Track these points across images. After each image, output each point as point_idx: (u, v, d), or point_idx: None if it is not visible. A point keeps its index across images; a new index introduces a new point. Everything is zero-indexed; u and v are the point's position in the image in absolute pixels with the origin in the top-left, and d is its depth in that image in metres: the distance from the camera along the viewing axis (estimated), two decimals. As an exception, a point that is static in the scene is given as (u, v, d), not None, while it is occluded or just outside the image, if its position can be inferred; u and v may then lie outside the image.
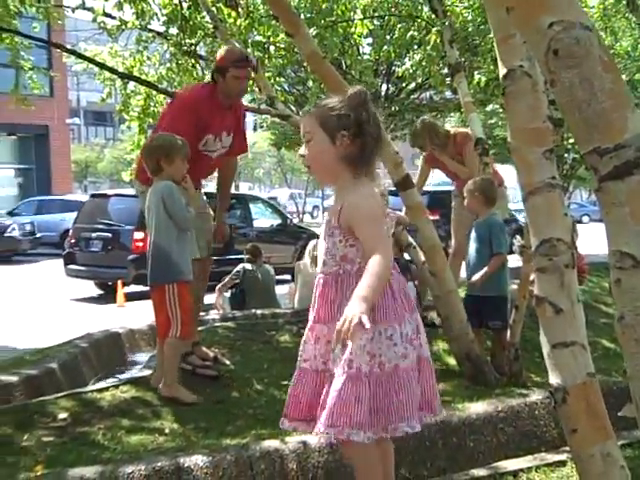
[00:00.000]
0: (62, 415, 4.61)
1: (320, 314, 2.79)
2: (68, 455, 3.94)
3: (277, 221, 17.72)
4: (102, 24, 10.34)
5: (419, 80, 14.49)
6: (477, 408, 4.21)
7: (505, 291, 5.86)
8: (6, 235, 22.17)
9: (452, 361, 5.88)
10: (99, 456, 3.89)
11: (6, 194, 34.08)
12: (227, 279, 9.09)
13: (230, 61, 5.42)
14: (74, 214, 23.62)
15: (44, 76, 12.36)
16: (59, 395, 4.96)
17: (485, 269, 5.68)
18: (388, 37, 12.72)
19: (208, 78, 6.01)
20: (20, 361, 6.02)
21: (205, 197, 5.82)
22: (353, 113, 2.74)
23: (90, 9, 10.34)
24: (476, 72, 11.23)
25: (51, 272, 18.97)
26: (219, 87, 5.43)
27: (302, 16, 9.79)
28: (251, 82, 10.03)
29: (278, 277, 10.25)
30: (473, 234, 6.01)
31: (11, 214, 24.92)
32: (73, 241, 15.14)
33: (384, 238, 2.71)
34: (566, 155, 14.65)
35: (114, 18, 10.31)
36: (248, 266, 9.16)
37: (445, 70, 11.07)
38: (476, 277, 5.72)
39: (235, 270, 9.15)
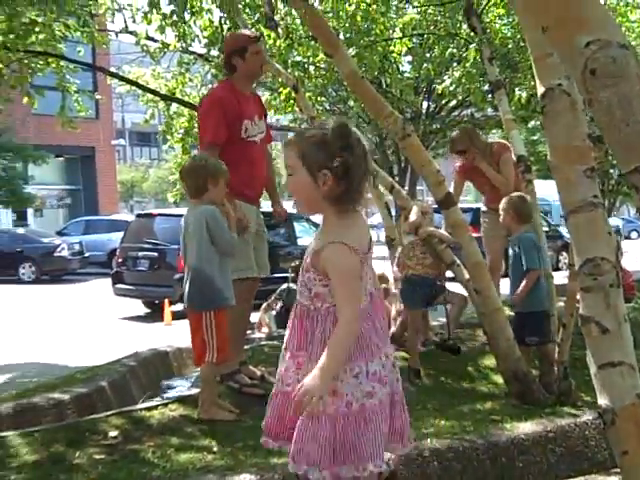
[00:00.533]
0: (112, 433, 4.69)
1: (299, 342, 2.75)
2: (119, 473, 3.99)
3: None
4: (145, 47, 10.55)
5: (459, 97, 14.46)
6: (526, 428, 4.18)
7: (543, 306, 5.82)
8: (56, 255, 22.54)
9: (499, 380, 5.85)
10: (149, 474, 3.94)
11: (55, 214, 34.69)
12: (272, 298, 9.15)
13: (245, 40, 5.49)
14: (121, 234, 23.98)
15: (89, 99, 12.57)
16: (109, 413, 5.04)
17: (522, 286, 5.70)
18: (427, 55, 12.75)
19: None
20: (71, 379, 6.12)
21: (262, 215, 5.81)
22: (337, 151, 2.61)
23: (133, 33, 10.56)
24: (517, 89, 11.20)
25: (99, 291, 19.24)
26: (239, 72, 5.43)
27: (341, 36, 9.87)
28: (292, 102, 10.16)
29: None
30: (509, 252, 6.04)
31: (60, 234, 25.32)
32: (120, 260, 15.34)
33: (353, 298, 2.63)
34: (612, 171, 14.47)
35: (156, 41, 10.51)
36: (292, 285, 9.20)
37: (486, 87, 11.06)
38: (515, 295, 5.76)
39: (279, 289, 9.21)
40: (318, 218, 2.86)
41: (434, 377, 6.26)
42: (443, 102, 16.22)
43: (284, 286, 9.24)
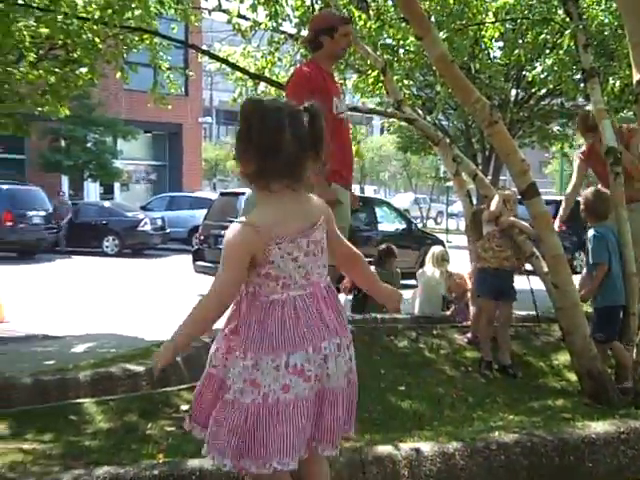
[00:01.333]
0: (184, 407, 4.77)
1: (235, 325, 2.70)
2: (188, 445, 4.06)
3: (402, 225, 17.75)
4: (236, 25, 10.62)
5: (550, 85, 14.11)
6: (597, 427, 4.07)
7: (613, 302, 5.67)
8: (139, 229, 23.07)
9: (573, 377, 5.73)
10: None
11: (140, 189, 35.46)
12: (348, 282, 9.11)
13: (336, 20, 5.48)
14: (203, 211, 24.34)
15: (180, 76, 12.76)
16: (182, 387, 5.13)
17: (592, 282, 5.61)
18: (520, 41, 12.45)
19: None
20: (147, 352, 6.25)
21: None
22: (242, 129, 2.61)
23: (226, 11, 10.64)
24: (611, 78, 10.87)
25: (179, 267, 19.59)
26: (325, 51, 5.41)
27: (432, 19, 9.73)
28: (379, 85, 10.09)
29: (403, 282, 10.23)
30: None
31: (144, 209, 25.84)
32: (202, 238, 15.58)
33: (223, 272, 2.57)
34: None
35: (248, 20, 10.57)
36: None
37: (578, 75, 10.76)
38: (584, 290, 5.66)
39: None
40: (398, 203, 2.82)
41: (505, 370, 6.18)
42: (533, 90, 15.86)
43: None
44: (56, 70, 9.22)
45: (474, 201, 10.01)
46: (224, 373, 2.66)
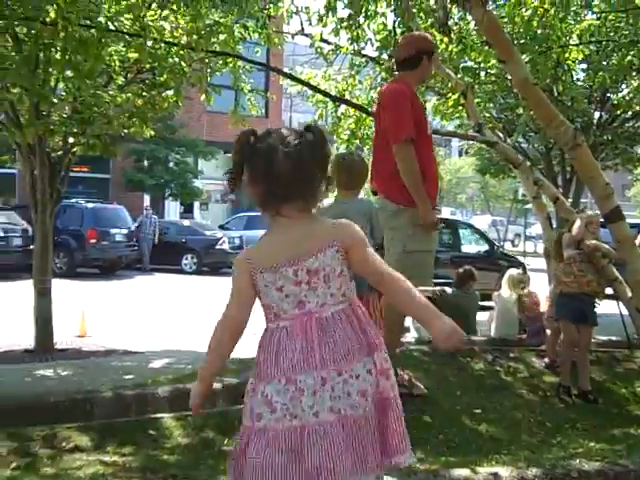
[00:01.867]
0: (259, 424, 4.81)
1: None
2: (264, 462, 4.08)
3: (484, 247, 17.81)
4: (319, 49, 10.75)
5: (636, 108, 13.82)
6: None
7: None
8: (217, 248, 23.36)
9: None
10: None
11: (219, 209, 35.98)
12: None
13: (434, 46, 5.52)
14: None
15: (261, 98, 12.95)
16: (259, 404, 5.17)
17: None
18: (604, 63, 12.25)
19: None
20: (223, 369, 6.32)
21: None
22: (236, 157, 2.63)
23: (308, 35, 10.79)
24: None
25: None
26: (419, 72, 5.40)
27: (515, 42, 9.67)
28: (459, 107, 10.06)
29: (483, 303, 10.15)
30: None
31: (222, 228, 26.19)
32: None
33: (229, 304, 2.66)
34: None
35: (330, 44, 10.68)
36: (448, 289, 9.10)
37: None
38: None
39: (433, 292, 9.11)
40: (480, 224, 2.75)
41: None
42: (617, 112, 15.55)
43: (438, 289, 9.12)
44: (143, 94, 9.48)
45: (554, 224, 9.87)
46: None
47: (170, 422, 4.80)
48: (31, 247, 10.29)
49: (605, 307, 6.55)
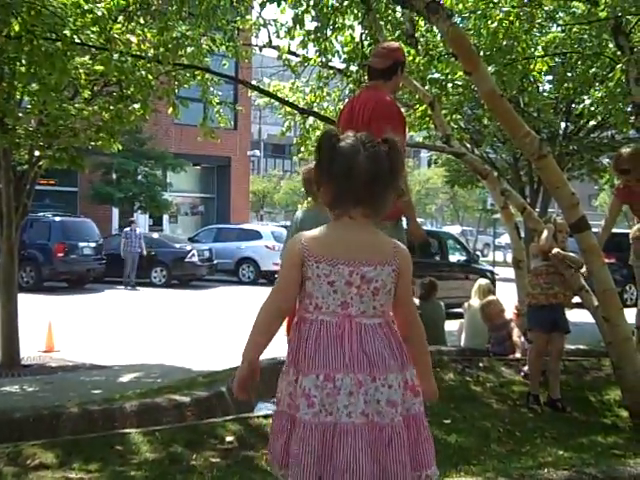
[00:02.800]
0: (229, 438, 4.79)
1: None
2: (232, 477, 4.07)
3: (463, 257, 18.70)
4: (287, 61, 10.76)
5: (599, 118, 14.00)
6: (650, 465, 3.97)
7: None
8: (187, 260, 23.23)
9: (624, 413, 5.61)
10: (262, 481, 4.00)
11: (188, 221, 35.84)
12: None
13: (404, 57, 5.51)
14: (250, 243, 24.40)
15: (230, 110, 12.92)
16: (227, 418, 5.15)
17: None
18: (569, 74, 12.39)
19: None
20: (192, 383, 6.30)
21: None
22: (318, 160, 2.67)
23: (276, 47, 10.80)
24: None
25: (226, 298, 19.71)
26: (394, 83, 5.39)
27: (481, 53, 9.75)
28: (427, 119, 10.12)
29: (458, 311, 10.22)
30: None
31: (192, 240, 26.09)
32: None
33: (276, 283, 2.69)
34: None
35: (298, 56, 10.71)
36: (415, 301, 9.13)
37: (629, 108, 10.67)
38: None
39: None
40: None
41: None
42: (582, 122, 15.74)
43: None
44: (110, 107, 9.42)
45: (522, 234, 9.94)
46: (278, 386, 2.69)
47: (137, 437, 4.75)
48: (-3, 262, 10.14)
49: (573, 316, 6.60)
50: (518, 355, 7.64)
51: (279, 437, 2.61)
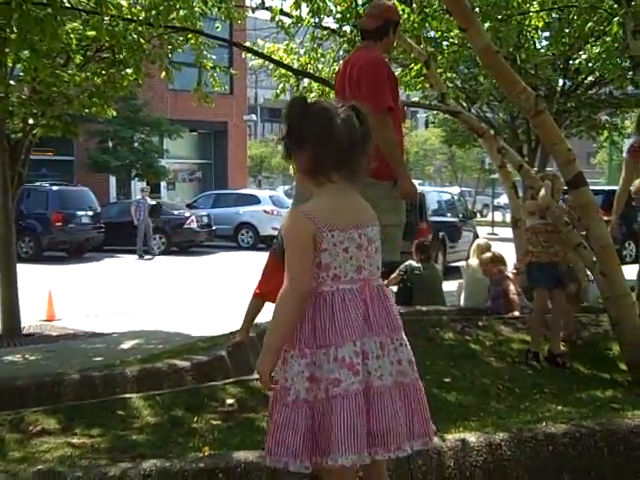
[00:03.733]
0: (229, 401, 4.81)
1: None
2: (233, 439, 4.09)
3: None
4: (280, 22, 10.64)
5: (597, 74, 13.88)
6: (648, 418, 3.99)
7: None
8: (185, 227, 23.23)
9: (623, 367, 5.64)
10: (263, 442, 4.00)
11: (186, 187, 35.77)
12: (394, 275, 9.09)
13: (398, 15, 5.44)
14: (248, 208, 24.38)
15: (224, 74, 12.81)
16: (227, 382, 5.17)
17: None
18: (566, 29, 12.25)
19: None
20: (193, 348, 6.32)
21: None
22: (293, 125, 2.61)
23: (269, 8, 10.66)
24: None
25: (225, 264, 19.73)
26: (387, 42, 5.28)
27: (476, 10, 9.63)
28: (422, 78, 10.04)
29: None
30: None
31: (190, 206, 26.06)
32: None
33: (293, 267, 2.55)
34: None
35: (291, 17, 10.58)
36: (414, 263, 9.13)
37: (627, 63, 10.58)
38: None
39: (402, 266, 9.14)
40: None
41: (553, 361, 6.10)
42: (580, 79, 15.61)
43: (406, 263, 9.15)
44: (102, 72, 9.34)
45: (520, 193, 9.92)
46: (282, 377, 2.61)
47: (138, 402, 4.77)
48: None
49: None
50: (517, 313, 7.65)
51: (296, 430, 2.54)
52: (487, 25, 9.23)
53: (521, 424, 3.92)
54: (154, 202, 23.76)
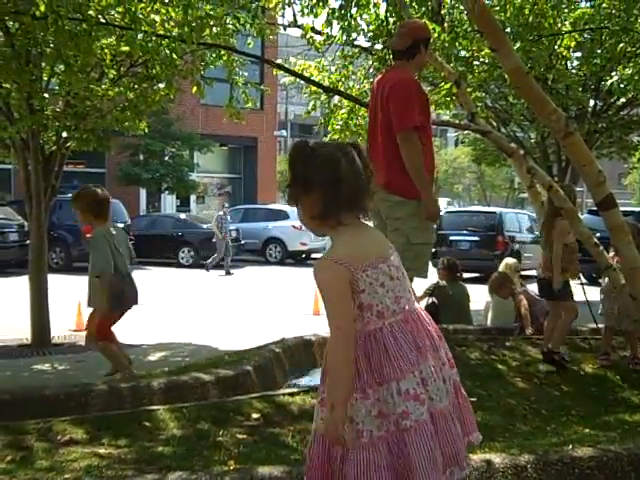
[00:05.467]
0: (255, 415, 4.83)
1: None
2: (259, 453, 4.11)
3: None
4: (311, 40, 10.71)
5: (629, 95, 13.80)
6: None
7: None
8: (214, 241, 23.29)
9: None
10: (287, 457, 4.03)
11: (215, 202, 35.96)
12: (422, 293, 9.09)
13: (429, 33, 5.55)
14: (277, 223, 24.44)
15: (256, 90, 12.90)
16: (253, 396, 5.19)
17: None
18: (598, 51, 12.22)
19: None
20: (219, 361, 6.34)
21: None
22: (294, 172, 2.60)
23: (300, 26, 10.75)
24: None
25: (253, 278, 19.79)
26: (418, 61, 5.40)
27: (508, 30, 9.64)
28: (452, 97, 10.04)
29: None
30: None
31: (219, 221, 26.12)
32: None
33: (336, 315, 2.54)
34: None
35: (321, 34, 10.65)
36: (441, 282, 9.12)
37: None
38: None
39: (429, 285, 9.14)
40: None
41: (581, 383, 6.05)
42: (611, 100, 15.52)
43: (434, 281, 9.14)
44: (135, 87, 9.46)
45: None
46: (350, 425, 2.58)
47: (165, 414, 4.81)
48: (27, 242, 10.28)
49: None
50: (529, 331, 7.68)
51: (378, 469, 2.51)
52: (518, 45, 9.23)
53: (547, 446, 3.90)
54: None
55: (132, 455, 4.07)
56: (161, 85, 9.37)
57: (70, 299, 11.93)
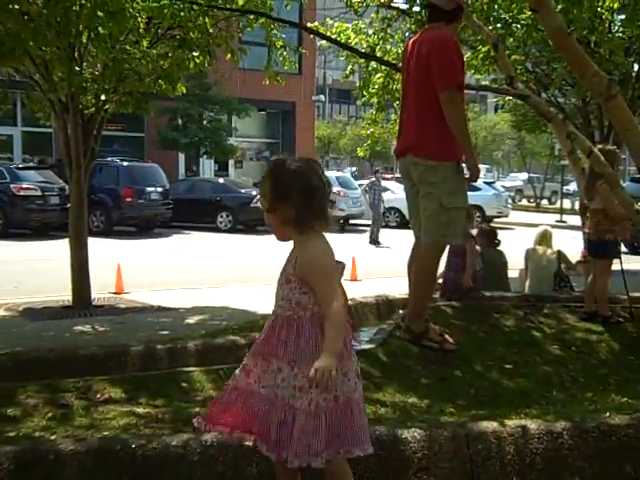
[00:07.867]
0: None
1: (269, 348, 2.97)
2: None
3: None
4: (349, 2, 10.60)
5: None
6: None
7: None
8: (252, 205, 23.38)
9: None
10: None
11: (254, 166, 36.03)
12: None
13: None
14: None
15: (294, 53, 12.81)
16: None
17: None
18: (643, 12, 11.89)
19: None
20: (255, 325, 6.38)
21: None
22: (271, 184, 2.93)
23: (339, -13, 10.65)
24: None
25: (290, 243, 19.78)
26: (452, 27, 5.37)
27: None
28: (491, 61, 9.90)
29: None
30: None
31: (257, 185, 26.18)
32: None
33: (335, 291, 2.89)
34: None
35: (359, -5, 10.54)
36: (478, 249, 9.03)
37: None
38: None
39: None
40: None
41: (618, 352, 6.00)
42: (657, 65, 15.15)
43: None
44: (168, 54, 9.43)
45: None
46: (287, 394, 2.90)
47: (201, 375, 4.87)
48: (68, 205, 10.39)
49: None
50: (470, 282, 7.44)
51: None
52: (559, 6, 9.03)
53: (584, 414, 3.87)
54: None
55: (169, 415, 4.12)
56: (195, 53, 9.35)
57: (110, 262, 12.09)
